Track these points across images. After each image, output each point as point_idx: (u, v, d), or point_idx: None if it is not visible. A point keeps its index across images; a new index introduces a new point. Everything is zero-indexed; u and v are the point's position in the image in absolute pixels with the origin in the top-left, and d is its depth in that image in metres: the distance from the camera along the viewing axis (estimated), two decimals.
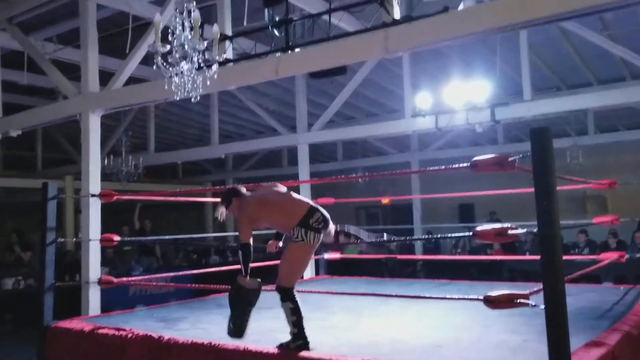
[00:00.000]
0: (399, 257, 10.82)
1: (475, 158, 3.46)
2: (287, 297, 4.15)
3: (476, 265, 10.02)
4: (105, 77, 6.34)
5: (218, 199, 4.25)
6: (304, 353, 3.77)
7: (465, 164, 3.56)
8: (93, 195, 5.74)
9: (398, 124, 8.86)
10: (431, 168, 4.11)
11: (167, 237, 10.63)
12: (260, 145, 10.91)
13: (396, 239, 4.74)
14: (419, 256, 11.77)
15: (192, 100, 3.68)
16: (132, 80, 6.41)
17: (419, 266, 11.58)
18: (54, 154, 13.96)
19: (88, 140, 5.94)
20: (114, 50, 7.36)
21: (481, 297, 3.40)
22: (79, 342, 4.90)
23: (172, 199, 12.33)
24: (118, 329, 4.77)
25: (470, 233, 3.43)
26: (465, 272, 8.08)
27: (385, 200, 14.02)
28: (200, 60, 3.53)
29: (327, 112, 9.35)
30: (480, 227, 3.35)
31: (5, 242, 10.25)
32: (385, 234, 4.66)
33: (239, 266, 4.09)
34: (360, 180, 12.19)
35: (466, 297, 3.81)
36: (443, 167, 3.91)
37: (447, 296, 4.66)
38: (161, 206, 16.02)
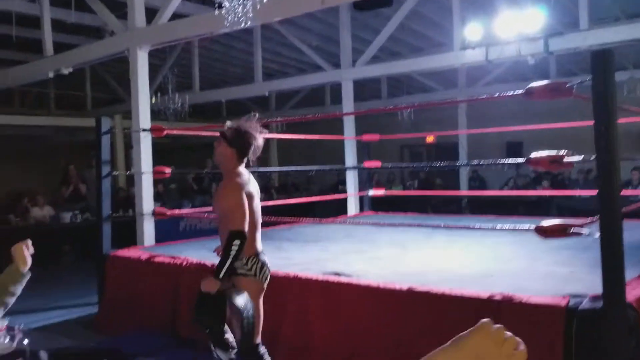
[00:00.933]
0: (444, 193, 10.79)
1: (531, 85, 3.35)
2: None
3: (523, 203, 9.89)
4: (150, 14, 6.34)
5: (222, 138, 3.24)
6: (351, 280, 3.85)
7: (519, 91, 3.46)
8: (144, 130, 5.88)
9: (446, 57, 8.61)
10: (482, 96, 3.99)
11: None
12: (304, 82, 10.82)
13: None
14: (464, 192, 11.68)
15: (242, 25, 3.65)
16: (175, 17, 6.40)
17: (463, 203, 11.51)
18: (103, 94, 14.25)
19: (137, 75, 6.02)
20: None
21: (533, 227, 3.37)
22: (137, 270, 5.15)
23: (216, 134, 12.54)
24: (173, 257, 4.98)
25: (524, 159, 3.36)
26: (511, 210, 7.99)
27: (430, 139, 13.86)
28: None
29: (372, 47, 9.14)
30: (535, 154, 3.28)
31: (62, 176, 10.62)
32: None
33: (282, 202, 3.85)
34: (405, 116, 12.00)
35: (517, 227, 3.78)
36: (497, 94, 3.79)
37: (497, 227, 4.65)
38: (205, 147, 16.31)
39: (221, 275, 2.92)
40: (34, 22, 8.06)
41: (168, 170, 6.00)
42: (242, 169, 3.20)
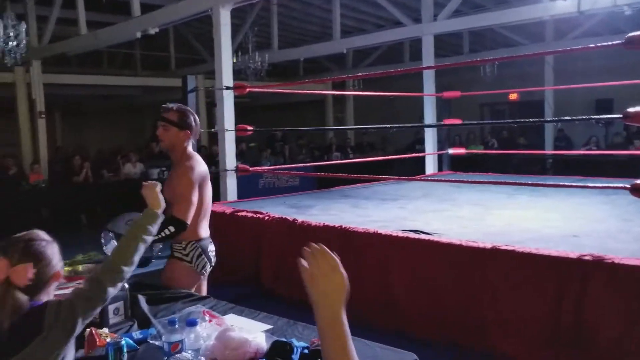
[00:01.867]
0: (527, 152, 10.41)
1: (631, 34, 3.13)
2: None
3: (613, 164, 9.38)
4: None
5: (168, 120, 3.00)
6: (432, 238, 3.84)
7: (617, 42, 3.24)
8: (227, 88, 6.01)
9: (534, 8, 8.14)
10: (576, 47, 3.76)
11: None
12: (383, 38, 10.60)
13: None
14: (549, 152, 11.20)
15: None
16: None
17: (548, 164, 11.05)
18: (186, 54, 14.64)
19: (220, 34, 6.13)
20: None
21: (628, 186, 3.21)
22: (222, 223, 5.35)
23: (295, 92, 12.64)
24: (256, 212, 5.15)
25: (620, 115, 3.17)
26: (600, 171, 7.58)
27: (513, 96, 13.31)
28: None
29: (454, 0, 8.81)
30: (633, 109, 3.08)
31: (152, 132, 11.10)
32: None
33: (359, 160, 3.66)
34: (487, 72, 11.57)
35: (609, 186, 3.61)
36: (592, 45, 3.56)
37: (586, 185, 4.46)
38: (280, 106, 16.50)
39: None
40: None
41: (250, 128, 6.13)
42: (192, 151, 3.04)
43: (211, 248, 3.12)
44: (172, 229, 2.76)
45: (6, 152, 11.01)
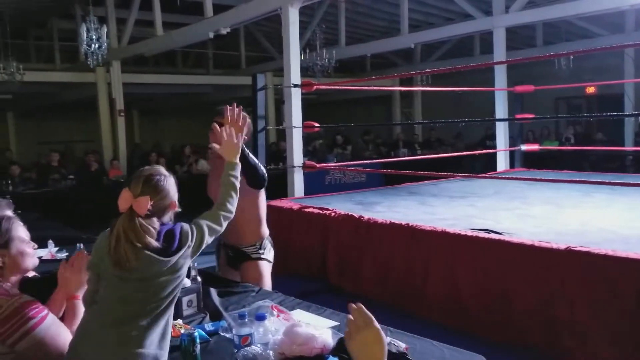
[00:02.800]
0: (606, 148, 9.93)
1: None
2: None
3: None
4: None
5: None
6: (505, 238, 3.75)
7: None
8: (295, 85, 6.10)
9: None
10: None
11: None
12: (452, 31, 10.38)
13: None
14: (629, 148, 10.62)
15: None
16: None
17: (628, 161, 10.49)
18: (255, 52, 14.93)
19: (288, 33, 6.22)
20: None
21: None
22: (289, 219, 5.46)
23: (362, 88, 12.64)
24: (322, 209, 5.20)
25: None
26: None
27: (590, 89, 12.72)
28: None
29: None
30: None
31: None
32: None
33: (427, 157, 3.67)
34: (562, 65, 11.10)
35: None
36: None
37: None
38: (350, 101, 16.52)
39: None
40: None
41: (317, 125, 6.20)
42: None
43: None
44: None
45: (88, 149, 11.66)
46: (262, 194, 3.11)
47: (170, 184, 1.99)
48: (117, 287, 1.84)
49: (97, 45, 7.72)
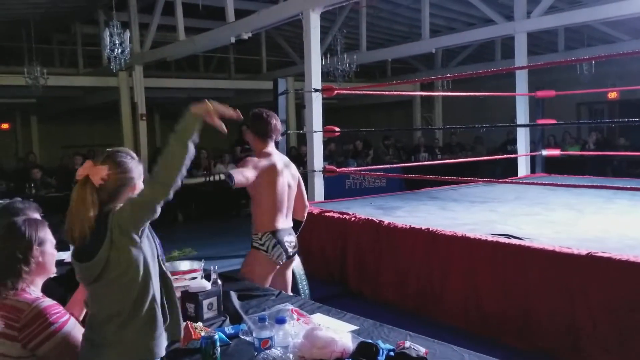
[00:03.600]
0: (628, 154, 9.77)
1: None
2: None
3: None
4: None
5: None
6: (525, 243, 3.73)
7: None
8: (316, 90, 6.13)
9: (635, 2, 7.58)
10: None
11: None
12: (473, 36, 10.32)
13: None
14: None
15: None
16: None
17: None
18: (276, 57, 15.01)
19: (309, 37, 6.25)
20: None
21: None
22: (309, 223, 5.45)
23: (383, 93, 12.61)
24: (342, 213, 5.22)
25: None
26: None
27: (613, 95, 12.55)
28: None
29: None
30: None
31: (238, 135, 11.43)
32: None
33: (447, 161, 3.74)
34: (584, 70, 10.98)
35: None
36: None
37: None
38: (370, 106, 16.51)
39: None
40: None
41: (337, 129, 6.22)
42: (270, 149, 3.33)
43: (289, 239, 3.31)
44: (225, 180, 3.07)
45: None
46: (270, 192, 3.23)
47: (135, 164, 1.89)
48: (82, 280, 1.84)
49: (120, 50, 7.83)
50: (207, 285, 2.57)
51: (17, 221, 2.02)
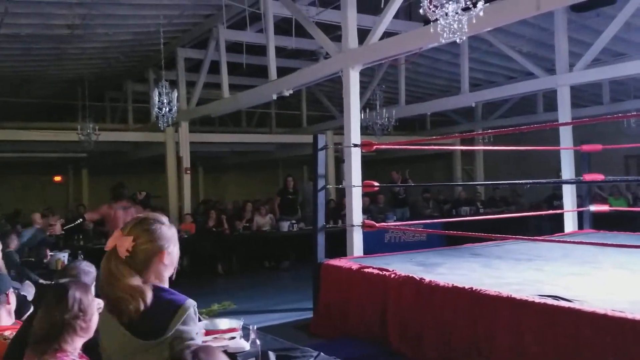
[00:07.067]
0: None
1: None
2: None
3: None
4: (360, 34, 6.64)
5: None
6: (575, 306, 3.57)
7: None
8: (355, 145, 6.17)
9: None
10: None
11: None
12: (514, 90, 10.29)
13: None
14: None
15: (458, 41, 3.64)
16: (385, 36, 6.62)
17: None
18: (316, 111, 15.30)
19: (349, 94, 6.36)
20: (367, 8, 7.65)
21: None
22: (349, 279, 5.42)
23: (422, 147, 12.58)
24: (382, 269, 5.14)
25: None
26: None
27: None
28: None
29: (592, 49, 8.38)
30: None
31: (282, 188, 11.55)
32: None
33: (490, 217, 3.66)
34: (631, 123, 10.75)
35: None
36: None
37: None
38: (410, 159, 16.49)
39: None
40: (260, 49, 9.01)
41: (376, 184, 6.21)
42: None
43: None
44: None
45: (156, 205, 12.11)
46: None
47: (165, 230, 1.80)
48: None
49: (167, 109, 8.14)
50: (246, 346, 2.55)
51: (68, 288, 2.07)
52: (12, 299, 2.86)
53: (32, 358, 1.93)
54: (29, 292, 3.95)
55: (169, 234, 1.81)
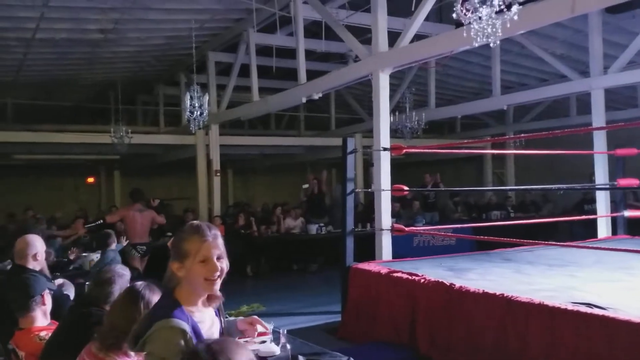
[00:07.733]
0: None
1: None
2: None
3: None
4: (390, 37, 6.62)
5: None
6: (609, 314, 3.50)
7: None
8: (385, 149, 6.16)
9: None
10: None
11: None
12: (547, 93, 10.10)
13: None
14: None
15: (491, 45, 3.60)
16: (415, 38, 6.59)
17: None
18: (345, 114, 15.30)
19: (378, 97, 6.35)
20: (397, 10, 7.62)
21: None
22: (377, 283, 5.41)
23: (452, 151, 12.48)
24: (411, 274, 5.11)
25: None
26: None
27: None
28: (499, 3, 3.40)
29: (628, 52, 8.19)
30: None
31: (309, 189, 11.54)
32: None
33: (521, 222, 3.60)
34: None
35: None
36: None
37: None
38: (439, 162, 16.36)
39: None
40: (290, 53, 9.07)
41: (406, 188, 6.18)
42: None
43: None
44: None
45: (188, 207, 12.27)
46: None
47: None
48: None
49: (199, 112, 8.26)
50: (277, 350, 2.57)
51: (141, 289, 2.19)
52: (48, 299, 2.94)
53: (93, 353, 1.99)
54: (70, 291, 4.05)
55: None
